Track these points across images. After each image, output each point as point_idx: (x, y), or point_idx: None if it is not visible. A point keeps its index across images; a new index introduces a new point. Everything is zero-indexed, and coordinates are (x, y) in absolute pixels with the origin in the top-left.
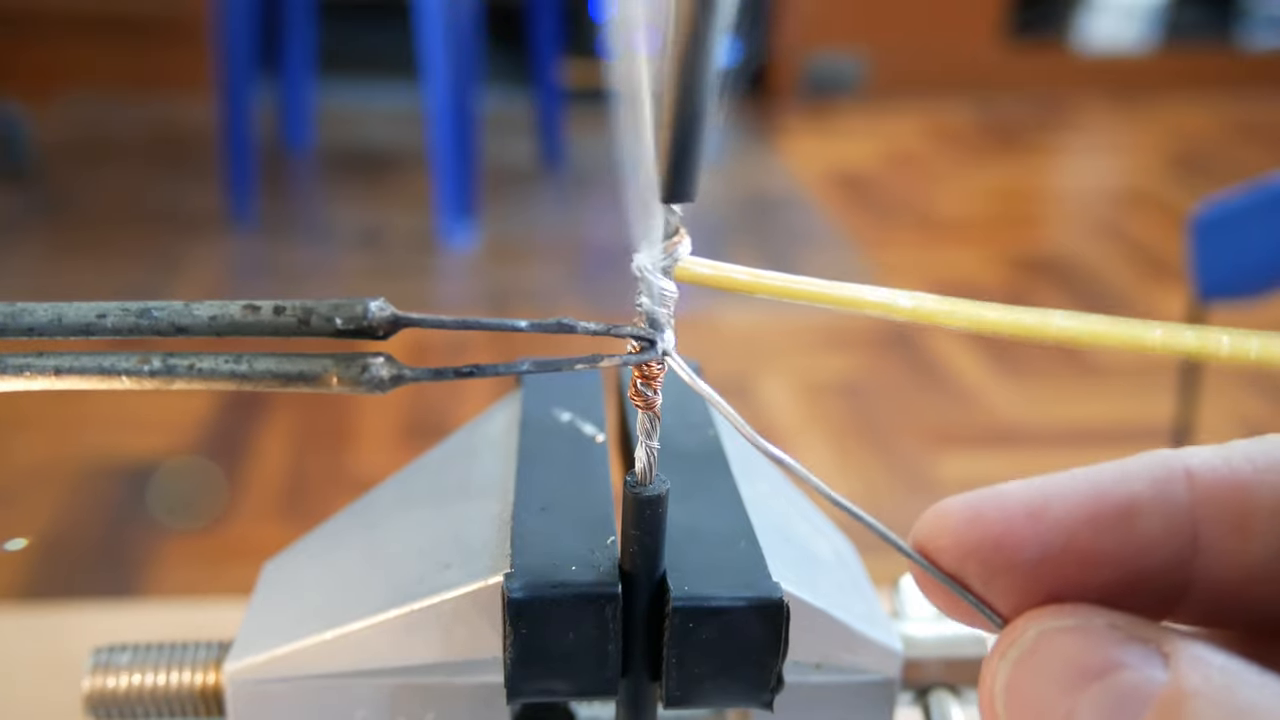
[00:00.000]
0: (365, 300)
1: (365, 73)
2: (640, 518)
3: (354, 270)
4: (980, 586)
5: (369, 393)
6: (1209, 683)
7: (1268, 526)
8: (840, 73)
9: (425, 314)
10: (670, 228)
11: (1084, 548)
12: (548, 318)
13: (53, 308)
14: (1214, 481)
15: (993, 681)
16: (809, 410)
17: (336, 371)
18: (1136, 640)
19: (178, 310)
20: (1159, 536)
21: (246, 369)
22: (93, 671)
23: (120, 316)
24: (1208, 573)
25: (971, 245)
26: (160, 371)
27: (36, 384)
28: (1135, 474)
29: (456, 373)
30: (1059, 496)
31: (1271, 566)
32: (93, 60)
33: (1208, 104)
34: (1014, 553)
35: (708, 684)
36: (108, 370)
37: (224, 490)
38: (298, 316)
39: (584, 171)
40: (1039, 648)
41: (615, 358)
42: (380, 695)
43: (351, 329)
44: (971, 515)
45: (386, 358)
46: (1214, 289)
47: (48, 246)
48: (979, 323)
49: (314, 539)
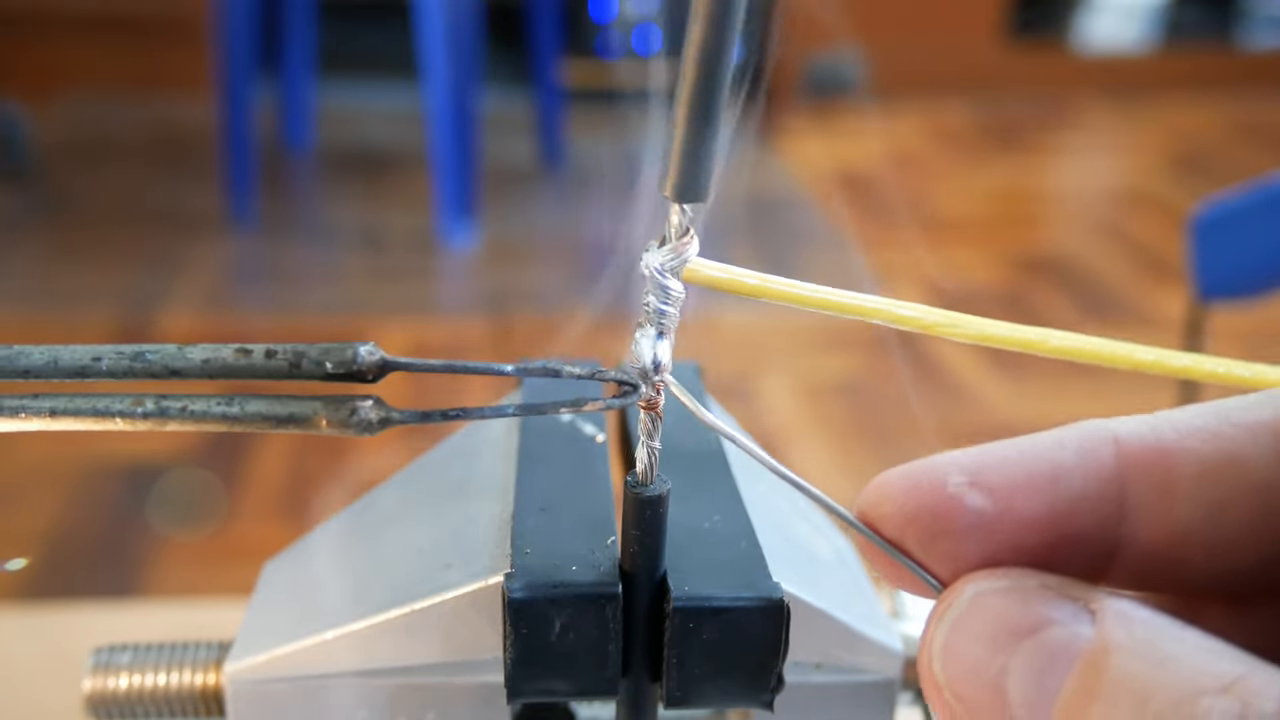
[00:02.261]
0: (355, 345)
1: (365, 73)
2: (641, 518)
3: (354, 270)
4: (920, 552)
5: (358, 435)
6: (1132, 637)
7: (1191, 489)
8: (840, 73)
9: (414, 358)
10: (680, 228)
11: (1017, 513)
12: (534, 361)
13: (49, 350)
14: (1140, 448)
15: (931, 643)
16: (809, 410)
17: (326, 414)
18: (1066, 599)
19: (171, 353)
20: (1088, 500)
21: (238, 411)
22: (93, 672)
23: (115, 359)
24: (1136, 535)
25: (972, 245)
26: (153, 414)
27: (32, 425)
28: (1065, 442)
29: (444, 415)
30: (993, 464)
31: (1195, 528)
32: (93, 60)
33: (1208, 104)
34: (951, 519)
35: (708, 684)
36: (102, 412)
37: (223, 498)
38: (289, 360)
39: (584, 171)
40: (974, 608)
41: (599, 401)
42: (380, 695)
43: (341, 373)
44: (910, 484)
45: (375, 400)
46: (1214, 289)
47: (48, 246)
48: (980, 336)
49: (314, 539)
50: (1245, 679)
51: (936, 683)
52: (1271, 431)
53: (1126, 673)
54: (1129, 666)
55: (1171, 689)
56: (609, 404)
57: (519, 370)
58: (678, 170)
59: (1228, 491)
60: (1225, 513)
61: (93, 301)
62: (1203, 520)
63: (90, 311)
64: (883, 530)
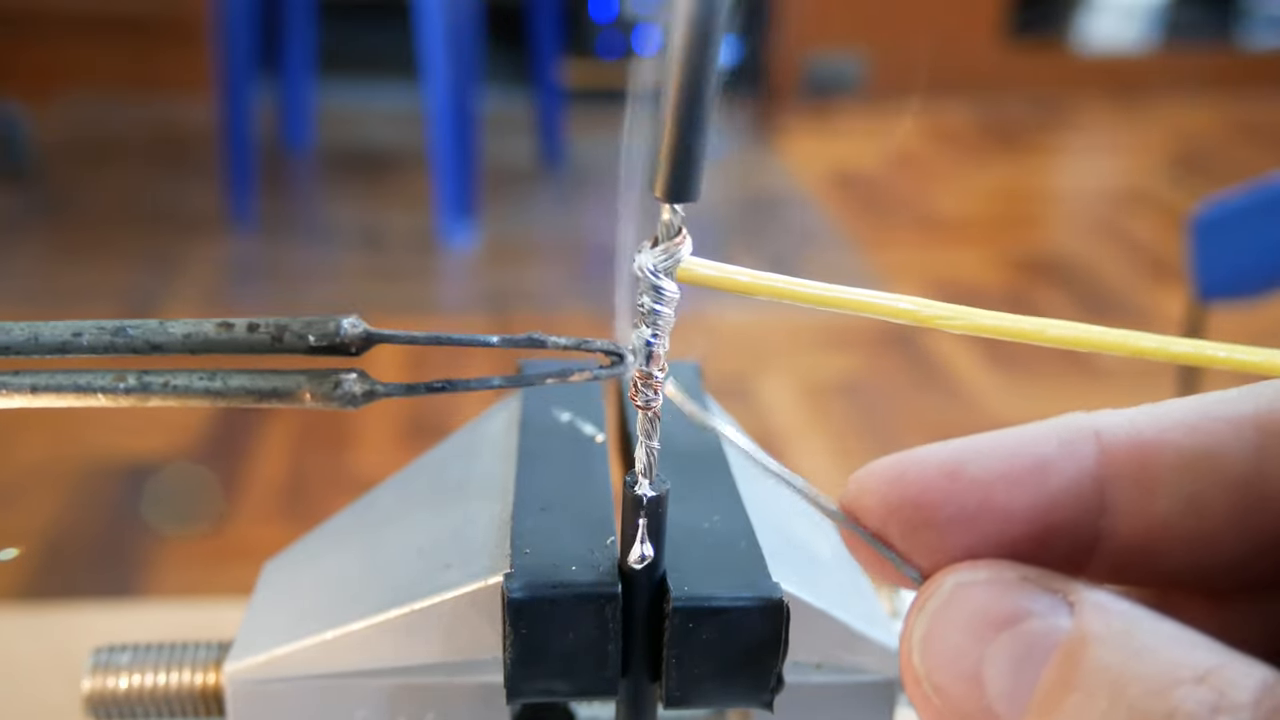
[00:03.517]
0: (338, 317)
1: (365, 73)
2: (640, 518)
3: (354, 270)
4: (902, 544)
5: (342, 408)
6: (1109, 628)
7: (1170, 482)
8: (840, 73)
9: (397, 330)
10: (672, 228)
11: (998, 505)
12: (519, 334)
13: (29, 327)
14: (1119, 441)
15: (911, 634)
16: (809, 410)
17: (310, 387)
18: (1045, 590)
19: (152, 328)
20: (1068, 493)
21: (221, 385)
22: (93, 671)
23: (96, 335)
24: (1116, 528)
25: (971, 245)
26: (135, 389)
27: (13, 402)
28: (1046, 435)
29: (428, 388)
30: (975, 457)
31: (1175, 521)
32: (93, 60)
33: (1208, 104)
34: (932, 510)
35: (708, 684)
36: (83, 388)
37: (221, 499)
38: (271, 334)
39: (584, 171)
40: (954, 600)
41: (585, 371)
42: (380, 695)
43: (324, 345)
44: (893, 476)
45: (359, 373)
46: (1214, 289)
47: (48, 246)
48: (977, 327)
49: (314, 539)
50: (1220, 669)
51: (916, 674)
52: (1252, 425)
53: (1103, 663)
54: (1106, 657)
55: (1147, 679)
56: (597, 374)
57: (504, 341)
58: (667, 171)
59: (1207, 485)
60: (1204, 506)
61: (93, 301)
62: (1182, 513)
63: (90, 311)
64: (866, 522)
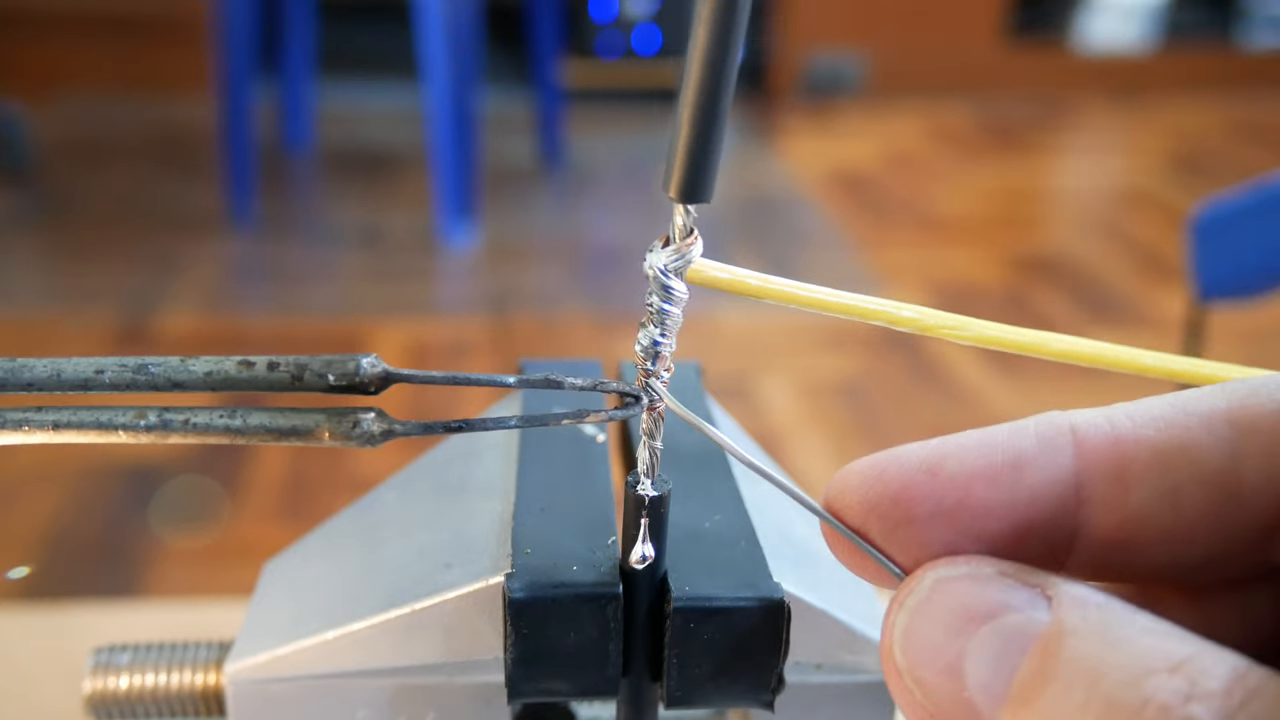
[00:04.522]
0: (357, 357)
1: (365, 73)
2: (641, 518)
3: (354, 270)
4: (883, 541)
5: (360, 447)
6: (1086, 620)
7: (1145, 477)
8: (840, 73)
9: (415, 370)
10: (684, 228)
11: (977, 501)
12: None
13: (51, 363)
14: (1095, 437)
15: (892, 629)
16: (809, 410)
17: (329, 427)
18: (1023, 584)
19: (174, 366)
20: (1046, 489)
21: (240, 424)
22: (93, 672)
23: (118, 372)
24: (1093, 523)
25: (971, 245)
26: (156, 426)
27: (36, 438)
28: (1023, 432)
29: (446, 427)
30: (953, 454)
31: (1150, 516)
32: (93, 60)
33: (1208, 104)
34: (912, 507)
35: (708, 684)
36: (105, 425)
37: (223, 499)
38: (291, 373)
39: (584, 171)
40: (934, 595)
41: (601, 413)
42: (381, 695)
43: (344, 385)
44: (874, 474)
45: (377, 413)
46: (1214, 289)
47: (47, 246)
48: (981, 338)
49: (314, 539)
50: (1193, 659)
51: (897, 668)
52: (1225, 421)
53: (1079, 655)
54: (1082, 649)
55: (1122, 669)
56: (611, 415)
57: (521, 383)
58: (681, 171)
59: (1182, 479)
60: (1179, 500)
61: (92, 301)
62: (1158, 508)
63: (90, 311)
64: (847, 519)
